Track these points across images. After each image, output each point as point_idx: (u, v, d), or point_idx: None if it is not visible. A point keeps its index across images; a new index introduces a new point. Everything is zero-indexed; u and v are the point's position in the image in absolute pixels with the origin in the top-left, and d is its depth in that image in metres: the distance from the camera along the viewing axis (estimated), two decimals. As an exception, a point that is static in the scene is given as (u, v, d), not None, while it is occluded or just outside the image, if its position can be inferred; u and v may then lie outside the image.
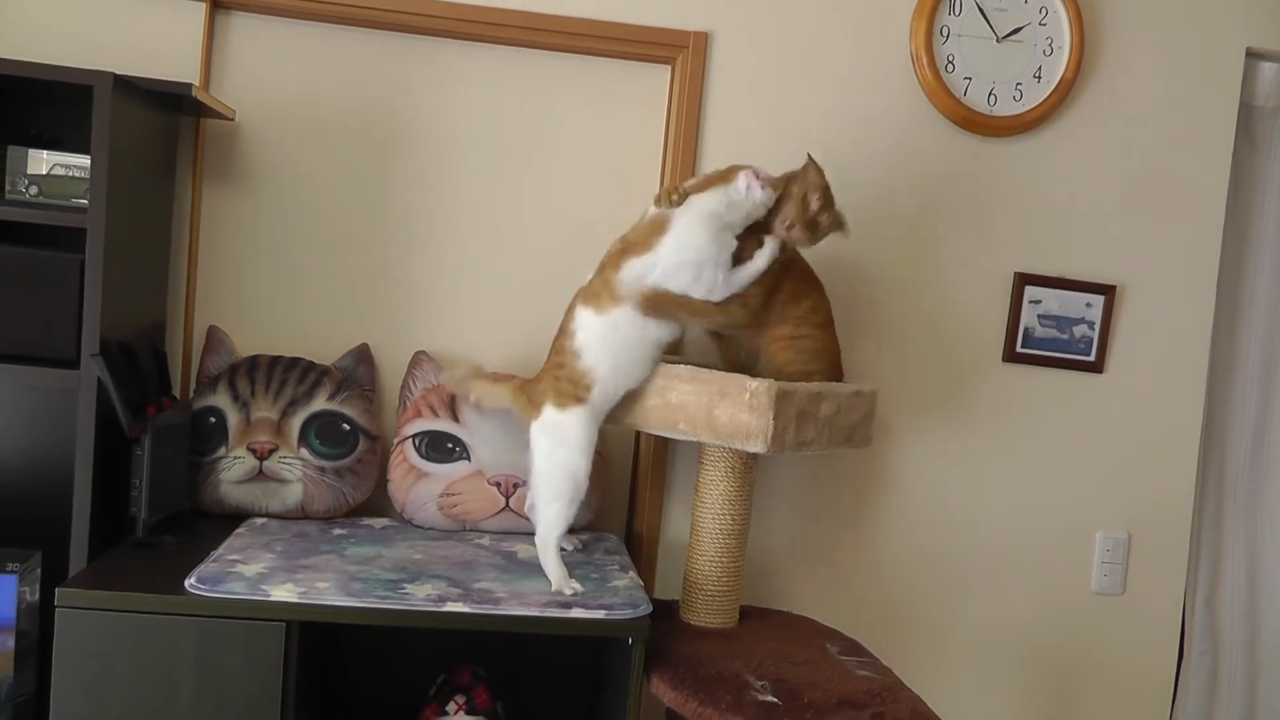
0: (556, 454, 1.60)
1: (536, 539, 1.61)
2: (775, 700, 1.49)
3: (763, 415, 1.54)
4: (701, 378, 1.61)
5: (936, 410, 2.10)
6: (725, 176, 1.63)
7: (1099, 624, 2.17)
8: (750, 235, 1.65)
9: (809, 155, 1.67)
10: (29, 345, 1.60)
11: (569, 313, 1.65)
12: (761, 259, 1.62)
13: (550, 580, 1.56)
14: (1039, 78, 2.03)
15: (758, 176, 1.61)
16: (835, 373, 1.76)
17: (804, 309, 1.71)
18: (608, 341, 1.60)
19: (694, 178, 1.73)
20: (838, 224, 1.70)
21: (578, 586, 1.55)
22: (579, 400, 1.60)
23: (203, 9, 1.85)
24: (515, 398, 1.67)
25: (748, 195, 1.60)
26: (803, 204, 1.64)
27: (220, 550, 1.60)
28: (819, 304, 1.74)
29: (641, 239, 1.60)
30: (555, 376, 1.62)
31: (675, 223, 1.59)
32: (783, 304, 1.70)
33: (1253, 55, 2.13)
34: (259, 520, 1.79)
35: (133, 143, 1.65)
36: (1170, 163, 2.11)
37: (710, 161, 1.97)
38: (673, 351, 1.76)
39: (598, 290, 1.61)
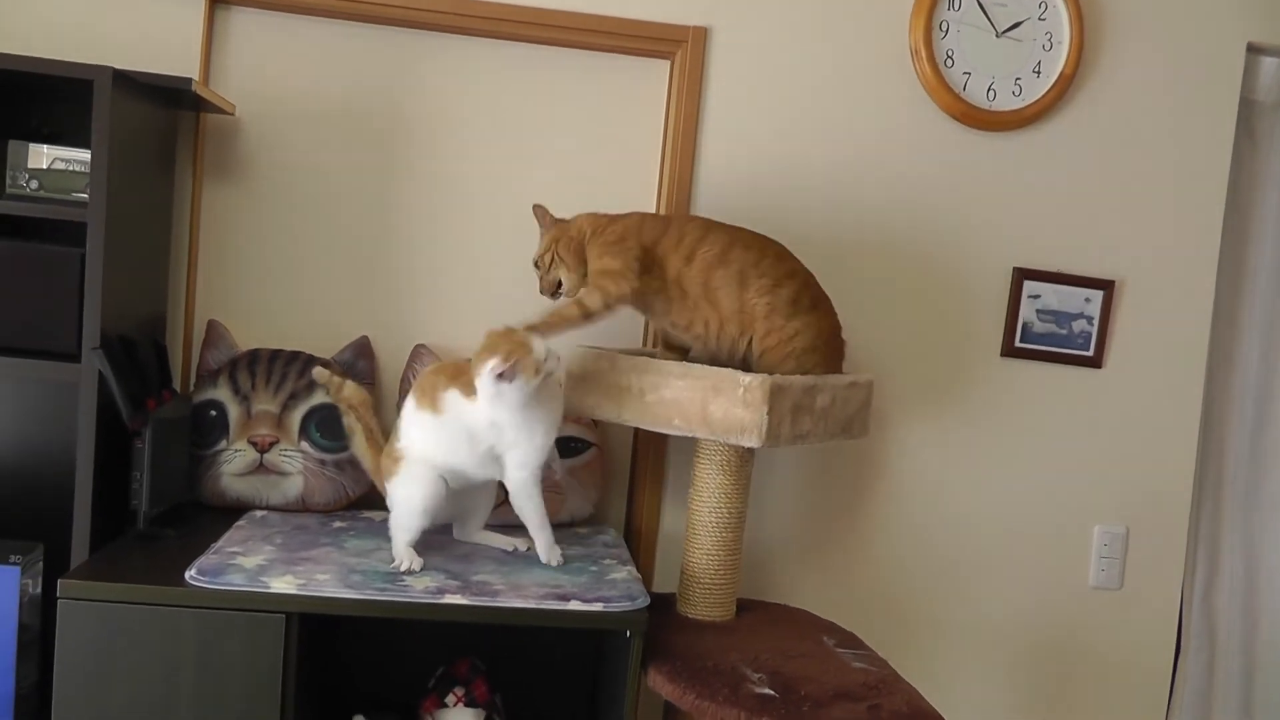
0: (398, 508, 1.64)
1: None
2: (772, 693, 1.50)
3: (757, 410, 1.55)
4: (695, 373, 1.62)
5: (935, 405, 2.10)
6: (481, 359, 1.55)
7: (1096, 618, 2.17)
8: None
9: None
10: (30, 339, 1.61)
11: (408, 397, 1.68)
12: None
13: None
14: (1038, 73, 2.03)
15: (489, 373, 1.52)
16: (831, 357, 1.73)
17: (767, 299, 1.66)
18: (420, 431, 1.63)
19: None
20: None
21: (416, 564, 1.58)
22: (395, 473, 1.65)
23: (202, 3, 1.85)
24: (372, 469, 1.73)
25: (496, 391, 1.53)
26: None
27: (220, 542, 1.61)
28: (781, 294, 1.66)
29: (465, 382, 1.58)
30: (387, 454, 1.68)
31: (480, 393, 1.56)
32: (746, 299, 1.66)
33: (1253, 50, 2.12)
34: (259, 513, 1.80)
35: (133, 137, 1.66)
36: (1170, 158, 2.11)
37: (709, 155, 1.98)
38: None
39: (426, 390, 1.63)
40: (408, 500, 1.62)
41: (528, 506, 1.62)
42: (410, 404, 1.65)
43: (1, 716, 1.60)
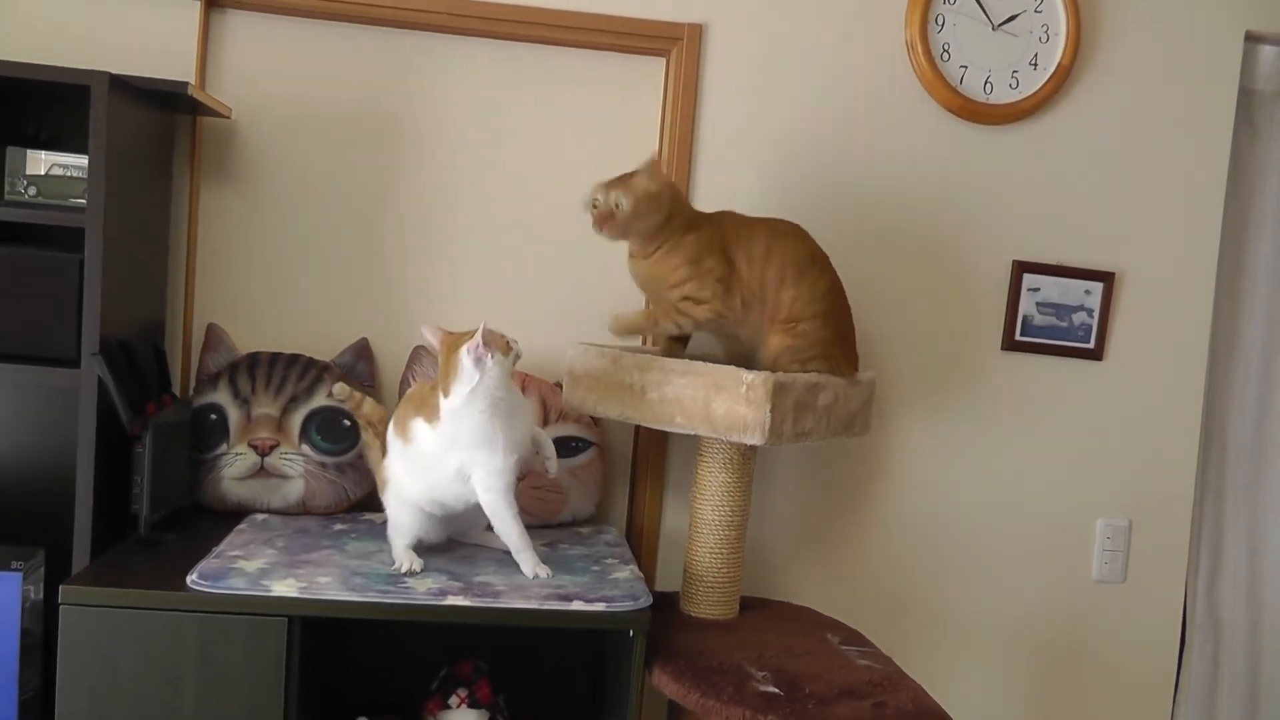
0: (390, 520, 1.66)
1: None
2: (777, 691, 1.50)
3: (760, 408, 1.54)
4: (697, 370, 1.61)
5: (936, 399, 2.10)
6: (450, 356, 1.54)
7: (1100, 612, 2.17)
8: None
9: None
10: (30, 344, 1.61)
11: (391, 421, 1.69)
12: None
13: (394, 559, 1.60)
14: (1035, 65, 2.02)
15: (481, 347, 1.51)
16: (835, 361, 1.71)
17: (790, 297, 1.67)
18: (396, 458, 1.64)
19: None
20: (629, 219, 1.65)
21: (417, 565, 1.58)
22: (385, 492, 1.67)
23: (197, 7, 1.85)
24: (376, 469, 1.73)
25: (481, 373, 1.51)
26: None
27: (222, 546, 1.60)
28: (806, 293, 1.68)
29: (429, 409, 1.57)
30: (381, 468, 1.70)
31: (443, 413, 1.55)
32: (773, 295, 1.67)
33: (1252, 38, 2.12)
34: (260, 516, 1.80)
35: (130, 142, 1.65)
36: (1169, 148, 2.10)
37: (706, 152, 1.98)
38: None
39: (400, 418, 1.64)
40: (395, 519, 1.64)
41: (501, 527, 1.59)
42: (391, 429, 1.66)
43: (5, 723, 1.60)
